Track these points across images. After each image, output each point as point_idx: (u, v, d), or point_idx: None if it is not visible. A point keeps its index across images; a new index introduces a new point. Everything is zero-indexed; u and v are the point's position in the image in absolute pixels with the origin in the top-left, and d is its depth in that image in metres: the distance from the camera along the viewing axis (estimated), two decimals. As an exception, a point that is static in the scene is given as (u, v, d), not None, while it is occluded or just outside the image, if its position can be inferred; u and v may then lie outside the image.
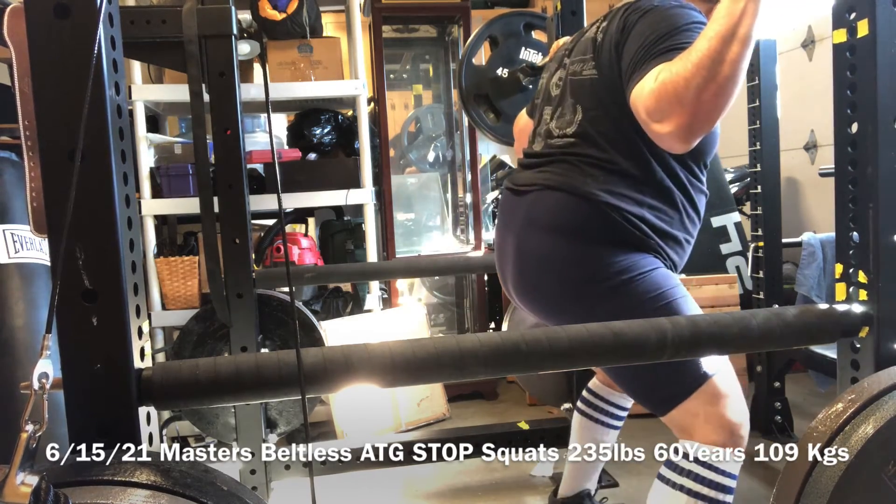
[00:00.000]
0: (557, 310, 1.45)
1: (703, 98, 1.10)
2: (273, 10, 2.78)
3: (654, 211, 1.39)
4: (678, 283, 1.39)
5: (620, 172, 1.38)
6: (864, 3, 1.10)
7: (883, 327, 1.12)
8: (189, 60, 1.83)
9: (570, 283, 1.40)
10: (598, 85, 1.39)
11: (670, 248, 1.42)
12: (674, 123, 1.15)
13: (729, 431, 1.31)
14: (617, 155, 1.38)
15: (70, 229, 0.76)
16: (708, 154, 1.44)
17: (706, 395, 1.31)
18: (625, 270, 1.36)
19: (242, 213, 1.96)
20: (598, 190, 1.37)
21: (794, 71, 3.49)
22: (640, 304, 1.34)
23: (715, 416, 1.31)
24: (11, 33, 1.00)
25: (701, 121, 1.14)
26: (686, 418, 1.33)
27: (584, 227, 1.38)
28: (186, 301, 2.80)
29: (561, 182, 1.41)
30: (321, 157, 3.10)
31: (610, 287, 1.36)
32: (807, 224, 3.56)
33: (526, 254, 1.45)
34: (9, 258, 1.98)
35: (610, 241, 1.37)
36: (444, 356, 0.99)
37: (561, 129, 1.48)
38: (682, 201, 1.42)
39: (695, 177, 1.44)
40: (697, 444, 1.31)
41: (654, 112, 1.18)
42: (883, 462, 0.94)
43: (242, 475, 2.06)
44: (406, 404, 2.94)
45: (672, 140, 1.19)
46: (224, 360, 0.94)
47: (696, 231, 1.48)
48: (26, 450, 0.68)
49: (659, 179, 1.39)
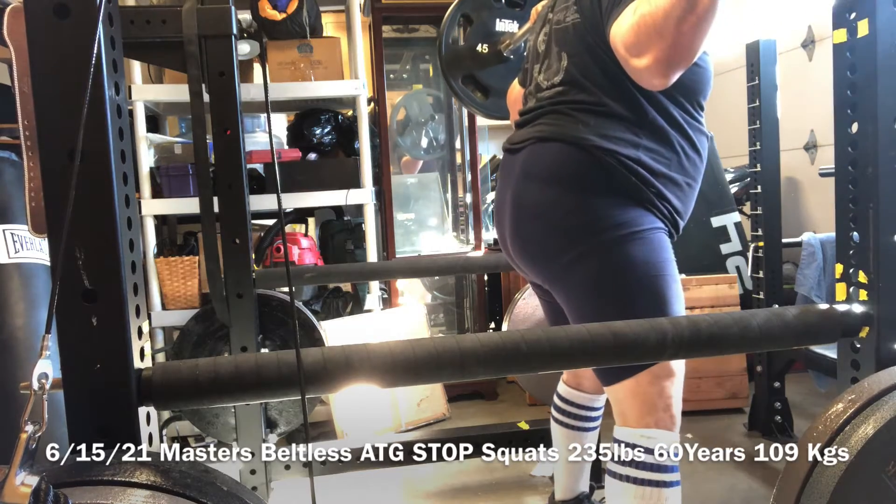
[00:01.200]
0: (547, 260, 1.41)
1: (683, 30, 1.10)
2: (273, 10, 2.78)
3: (651, 153, 1.34)
4: (671, 258, 1.36)
5: (612, 115, 1.34)
6: (864, 3, 1.10)
7: (883, 327, 1.12)
8: (189, 60, 1.83)
9: (564, 231, 1.36)
10: (582, 28, 1.36)
11: (671, 193, 1.37)
12: (653, 57, 1.14)
13: (669, 414, 1.31)
14: (606, 98, 1.34)
15: (70, 229, 0.76)
16: (701, 92, 1.40)
17: (654, 374, 1.31)
18: (621, 225, 1.32)
19: (242, 213, 1.96)
20: (591, 135, 1.33)
21: (794, 71, 3.49)
22: (630, 268, 1.31)
23: (656, 397, 1.31)
24: (11, 33, 1.00)
25: (680, 54, 1.13)
26: (628, 395, 1.32)
27: (580, 176, 1.34)
28: (186, 301, 2.80)
29: (553, 132, 1.38)
30: (321, 157, 3.10)
31: (603, 241, 1.32)
32: (807, 224, 3.56)
33: (522, 206, 1.42)
34: (9, 258, 1.98)
35: (608, 189, 1.33)
36: (444, 356, 0.99)
37: (549, 80, 1.45)
38: (679, 142, 1.37)
39: (691, 116, 1.39)
40: (632, 429, 1.31)
41: (633, 46, 1.17)
42: (883, 462, 0.93)
43: (242, 475, 2.05)
44: (406, 404, 2.94)
45: (651, 75, 1.17)
46: (224, 360, 0.94)
47: (698, 175, 1.44)
48: (26, 450, 0.68)
49: (652, 119, 1.34)
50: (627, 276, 1.31)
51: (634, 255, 1.31)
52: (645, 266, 1.32)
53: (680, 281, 1.37)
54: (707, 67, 1.39)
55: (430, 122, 3.75)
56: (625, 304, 1.31)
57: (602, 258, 1.33)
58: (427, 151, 3.79)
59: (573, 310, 1.40)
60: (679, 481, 1.31)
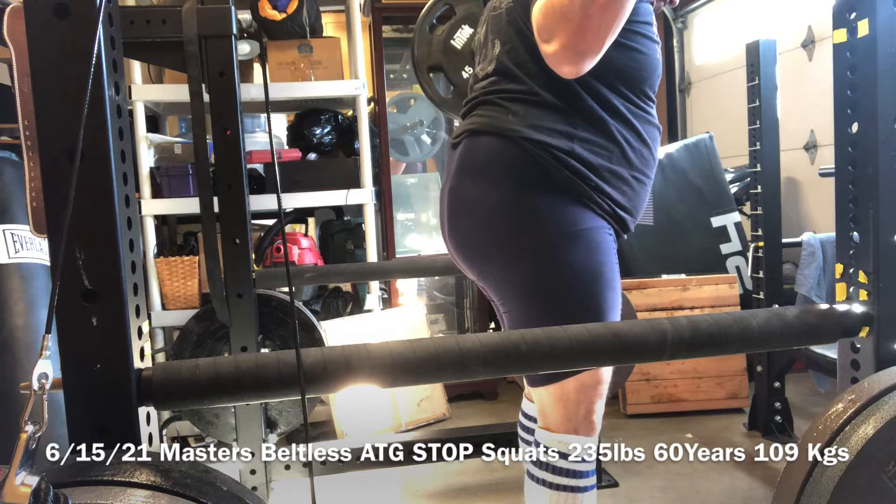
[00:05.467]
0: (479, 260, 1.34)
1: (590, 13, 1.04)
2: (273, 10, 2.78)
3: (588, 144, 1.24)
4: (609, 261, 1.27)
5: (544, 105, 1.25)
6: (864, 3, 1.10)
7: (883, 327, 1.12)
8: (189, 60, 1.83)
9: (495, 230, 1.28)
10: (514, 13, 1.28)
11: (612, 188, 1.27)
12: (560, 42, 1.08)
13: (589, 421, 1.29)
14: (538, 86, 1.25)
15: (70, 229, 0.76)
16: (646, 81, 1.30)
17: (581, 381, 1.27)
18: (555, 225, 1.24)
19: (242, 213, 1.96)
20: (522, 126, 1.24)
21: (794, 71, 3.48)
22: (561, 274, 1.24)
23: (579, 404, 1.28)
24: (11, 33, 1.00)
25: (588, 40, 1.07)
26: (553, 399, 1.29)
27: (510, 171, 1.25)
28: (186, 301, 2.80)
29: (484, 124, 1.30)
30: (321, 157, 3.10)
31: (534, 242, 1.25)
32: (807, 224, 3.56)
33: (455, 203, 1.34)
34: (9, 258, 1.98)
35: (540, 185, 1.24)
36: (444, 356, 0.99)
37: (483, 70, 1.37)
38: (621, 133, 1.27)
39: (636, 106, 1.30)
40: (552, 434, 1.29)
41: (543, 30, 1.11)
42: (883, 462, 0.93)
43: (242, 475, 2.06)
44: (406, 404, 2.94)
45: (558, 61, 1.11)
46: (224, 360, 0.94)
47: (648, 168, 1.33)
48: (26, 450, 0.68)
49: (589, 109, 1.25)
50: (558, 282, 1.24)
51: (567, 258, 1.24)
52: (579, 271, 1.24)
53: (619, 287, 1.30)
54: (650, 54, 1.29)
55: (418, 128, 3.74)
56: (554, 313, 1.24)
57: (532, 261, 1.25)
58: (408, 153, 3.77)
59: (504, 312, 1.34)
60: (594, 485, 1.29)
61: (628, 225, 1.34)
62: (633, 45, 1.25)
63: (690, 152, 3.52)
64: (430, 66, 1.94)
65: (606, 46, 1.11)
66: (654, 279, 3.16)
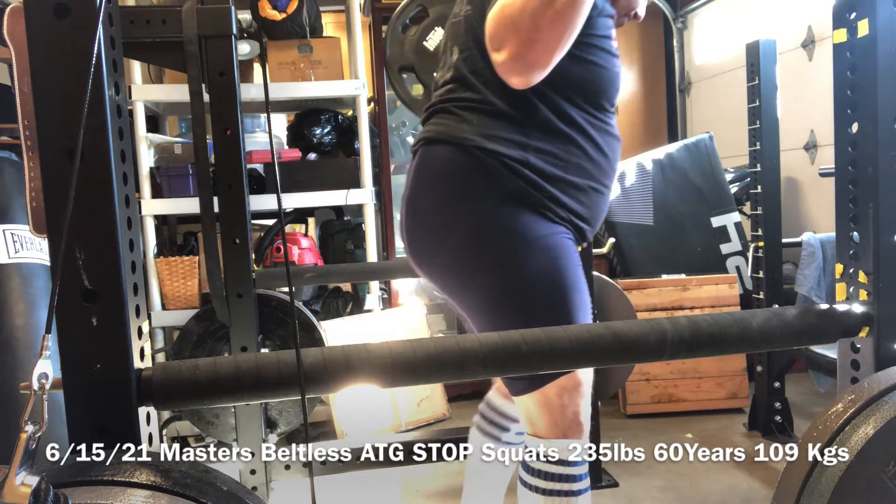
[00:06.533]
0: (439, 270, 1.33)
1: (539, 24, 1.04)
2: (273, 10, 2.78)
3: (542, 154, 1.24)
4: (570, 265, 1.26)
5: (498, 114, 1.24)
6: (864, 3, 1.10)
7: (883, 327, 1.12)
8: (189, 60, 1.83)
9: (450, 241, 1.27)
10: (472, 20, 1.26)
11: (569, 197, 1.27)
12: (508, 52, 1.09)
13: (577, 423, 1.27)
14: (493, 95, 1.24)
15: (70, 229, 0.76)
16: (603, 94, 1.29)
17: (561, 385, 1.26)
18: (512, 233, 1.23)
19: (242, 213, 1.96)
20: (475, 135, 1.24)
21: (794, 71, 3.48)
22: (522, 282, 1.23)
23: (564, 408, 1.26)
24: (11, 33, 1.00)
25: (537, 51, 1.08)
26: (537, 406, 1.28)
27: (463, 180, 1.25)
28: (186, 301, 2.80)
29: (438, 132, 1.29)
30: (321, 157, 3.10)
31: (493, 252, 1.24)
32: (807, 224, 3.56)
33: (412, 213, 1.34)
34: (9, 258, 1.98)
35: (494, 194, 1.23)
36: (444, 356, 0.99)
37: (442, 77, 1.36)
38: (577, 143, 1.27)
39: (594, 117, 1.29)
40: (541, 439, 1.27)
41: (493, 39, 1.11)
42: (883, 462, 0.93)
43: (242, 475, 2.05)
44: (406, 404, 2.94)
45: (507, 71, 1.11)
46: (224, 360, 0.94)
47: (606, 178, 1.33)
48: (26, 450, 0.68)
49: (544, 119, 1.24)
50: (521, 289, 1.23)
51: (527, 265, 1.23)
52: (541, 276, 1.23)
53: (584, 289, 1.28)
54: (609, 68, 1.29)
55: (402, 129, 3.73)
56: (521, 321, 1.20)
57: (492, 271, 1.25)
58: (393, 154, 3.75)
59: (473, 323, 1.33)
60: (587, 488, 1.28)
61: (586, 234, 1.34)
62: (590, 58, 1.25)
63: (690, 152, 3.52)
64: (401, 67, 1.93)
65: (556, 59, 1.11)
66: (654, 279, 3.16)
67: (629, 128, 4.97)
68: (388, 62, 1.93)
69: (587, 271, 2.21)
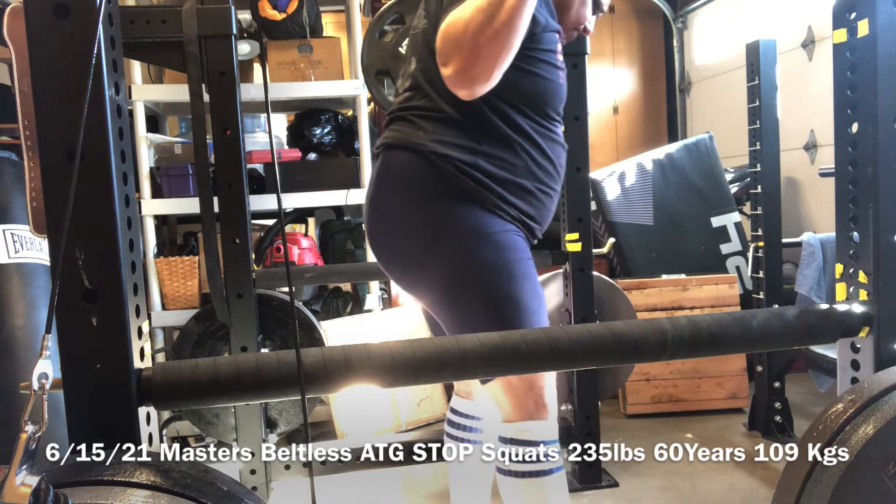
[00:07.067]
0: (402, 269, 1.42)
1: (480, 42, 1.12)
2: (273, 10, 2.78)
3: (491, 159, 1.33)
4: (521, 258, 1.34)
5: (450, 121, 1.33)
6: (864, 3, 1.10)
7: (883, 327, 1.12)
8: (189, 60, 1.83)
9: (411, 239, 1.36)
10: (428, 33, 1.34)
11: (518, 198, 1.36)
12: (454, 67, 1.17)
13: (542, 404, 1.34)
14: (446, 104, 1.33)
15: (70, 229, 0.76)
16: (549, 104, 1.39)
17: None
18: (466, 230, 1.32)
19: (242, 213, 1.96)
20: (428, 140, 1.33)
21: (794, 71, 3.49)
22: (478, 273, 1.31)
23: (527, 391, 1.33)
24: (11, 33, 1.00)
25: (478, 67, 1.15)
26: (501, 391, 1.35)
27: (420, 182, 1.34)
28: (186, 301, 2.80)
29: (395, 138, 1.38)
30: (321, 157, 3.10)
31: (450, 248, 1.32)
32: (807, 224, 3.56)
33: (373, 214, 1.42)
34: (9, 258, 1.98)
35: (448, 195, 1.32)
36: (444, 356, 0.99)
37: (402, 86, 1.45)
38: (525, 149, 1.36)
39: (541, 126, 1.38)
40: (509, 424, 1.34)
41: (441, 54, 1.20)
42: (883, 462, 0.94)
43: (242, 475, 2.05)
44: (406, 404, 2.94)
45: (453, 84, 1.20)
46: (224, 360, 0.94)
47: (554, 183, 1.42)
48: (26, 450, 0.68)
49: (493, 127, 1.34)
50: (475, 280, 1.31)
51: (481, 258, 1.31)
52: (493, 267, 1.31)
53: (535, 277, 1.36)
54: (553, 79, 1.37)
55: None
56: (479, 310, 1.31)
57: (449, 265, 1.32)
58: None
59: (436, 316, 1.41)
60: (560, 466, 1.34)
61: (535, 232, 1.43)
62: (536, 70, 1.34)
63: (690, 152, 3.52)
64: (378, 71, 1.97)
65: (498, 73, 1.19)
66: (654, 279, 3.16)
67: (629, 128, 4.97)
68: (365, 67, 1.97)
69: (587, 271, 2.24)
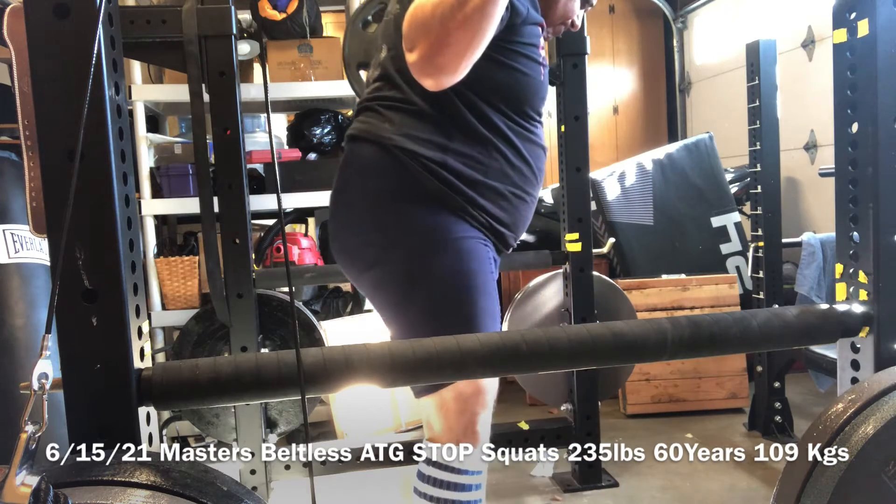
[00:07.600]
0: (354, 265, 1.33)
1: (449, 28, 1.03)
2: (273, 10, 2.78)
3: (462, 157, 1.24)
4: (480, 270, 1.25)
5: (420, 114, 1.24)
6: (864, 3, 1.10)
7: (883, 327, 1.12)
8: (189, 60, 1.83)
9: (365, 237, 1.28)
10: (399, 19, 1.23)
11: (488, 201, 1.27)
12: (419, 53, 1.08)
13: (472, 431, 1.27)
14: (415, 95, 1.24)
15: (70, 229, 0.76)
16: (527, 102, 1.30)
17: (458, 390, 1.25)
18: (425, 232, 1.23)
19: (242, 213, 1.96)
20: (395, 135, 1.24)
21: (794, 71, 3.49)
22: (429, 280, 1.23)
23: (459, 414, 1.26)
24: (11, 33, 1.00)
25: (446, 54, 1.06)
26: (434, 410, 1.27)
27: (382, 178, 1.25)
28: (186, 301, 2.80)
29: (362, 130, 1.30)
30: (321, 157, 3.09)
31: (404, 249, 1.24)
32: (807, 224, 3.56)
33: (335, 208, 1.35)
34: (9, 258, 1.98)
35: (411, 194, 1.23)
36: (444, 356, 0.99)
37: (371, 75, 1.36)
38: (500, 148, 1.27)
39: (517, 125, 1.29)
40: (434, 445, 1.26)
41: (406, 39, 1.11)
42: (883, 462, 0.94)
43: (242, 475, 2.06)
44: (406, 404, 2.94)
45: (418, 72, 1.11)
46: (224, 360, 0.94)
47: (529, 186, 1.33)
48: (26, 450, 0.68)
49: (466, 123, 1.24)
50: (428, 288, 1.24)
51: (437, 264, 1.23)
52: (448, 277, 1.23)
53: (494, 293, 1.28)
54: (533, 76, 1.29)
55: None
56: (426, 320, 1.23)
57: (402, 268, 1.25)
58: None
59: (383, 319, 1.33)
60: (479, 500, 1.28)
61: (507, 240, 1.33)
62: (514, 64, 1.25)
63: (690, 152, 3.53)
64: (359, 63, 1.91)
65: (466, 64, 1.09)
66: (654, 279, 3.16)
67: (629, 128, 4.97)
68: (346, 59, 1.90)
69: (587, 271, 2.24)
